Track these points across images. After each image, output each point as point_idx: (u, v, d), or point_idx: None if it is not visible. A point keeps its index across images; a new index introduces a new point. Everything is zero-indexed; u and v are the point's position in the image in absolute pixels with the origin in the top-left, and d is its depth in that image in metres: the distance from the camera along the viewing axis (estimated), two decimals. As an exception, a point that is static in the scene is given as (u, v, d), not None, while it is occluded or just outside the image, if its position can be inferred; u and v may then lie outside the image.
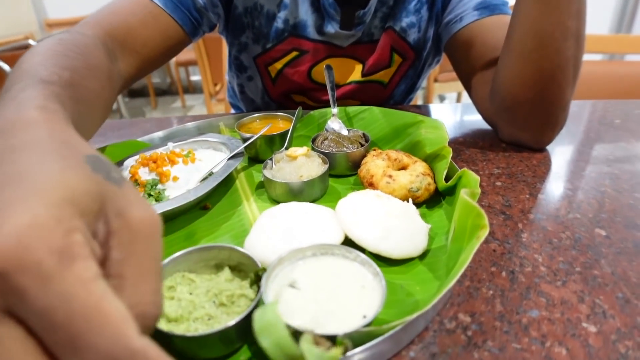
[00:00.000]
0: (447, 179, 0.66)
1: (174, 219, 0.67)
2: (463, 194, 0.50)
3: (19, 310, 0.23)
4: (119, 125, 1.13)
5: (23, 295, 0.22)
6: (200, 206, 0.70)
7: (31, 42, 3.37)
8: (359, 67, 1.11)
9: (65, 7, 4.81)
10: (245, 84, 1.21)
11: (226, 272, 0.49)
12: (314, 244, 0.49)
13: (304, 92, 1.15)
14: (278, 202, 0.69)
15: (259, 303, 0.43)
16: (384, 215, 0.57)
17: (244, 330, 0.44)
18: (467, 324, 0.48)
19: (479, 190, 0.53)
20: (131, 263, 0.27)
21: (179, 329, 0.42)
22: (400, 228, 0.55)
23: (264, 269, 0.46)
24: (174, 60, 4.61)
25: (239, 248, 0.49)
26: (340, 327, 0.39)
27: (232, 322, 0.40)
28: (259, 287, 0.46)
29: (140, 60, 0.90)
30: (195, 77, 5.63)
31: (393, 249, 0.53)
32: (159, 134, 0.93)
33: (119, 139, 0.88)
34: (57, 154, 0.29)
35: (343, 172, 0.78)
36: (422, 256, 0.57)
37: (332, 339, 0.37)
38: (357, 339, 0.38)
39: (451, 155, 0.68)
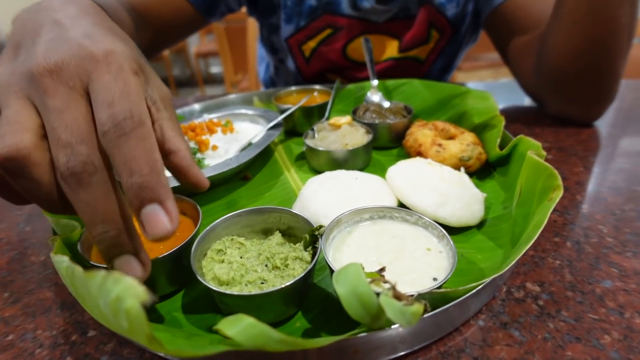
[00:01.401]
0: (499, 149, 0.62)
1: (214, 188, 0.64)
2: (531, 154, 0.47)
3: (92, 87, 0.33)
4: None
5: (101, 72, 0.33)
6: (240, 177, 0.67)
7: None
8: (394, 44, 1.08)
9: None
10: (278, 66, 1.19)
11: (277, 236, 0.46)
12: (371, 206, 0.46)
13: (339, 71, 1.12)
14: (319, 173, 0.66)
15: (316, 264, 0.41)
16: (439, 182, 0.54)
17: (301, 293, 0.41)
18: (537, 294, 0.44)
19: (544, 154, 0.50)
20: (173, 120, 0.39)
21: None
22: (456, 195, 0.52)
23: (320, 227, 0.43)
24: (193, 51, 4.60)
25: (291, 210, 0.46)
26: (410, 289, 0.36)
27: (289, 282, 0.38)
28: (314, 250, 0.43)
29: (156, 34, 0.94)
30: (214, 69, 5.62)
31: (451, 216, 0.50)
32: (195, 106, 0.91)
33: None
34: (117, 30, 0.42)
35: (385, 144, 0.74)
36: (480, 225, 0.54)
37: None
38: (430, 301, 0.35)
39: (504, 124, 0.65)
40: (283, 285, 0.37)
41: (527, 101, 1.12)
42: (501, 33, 0.99)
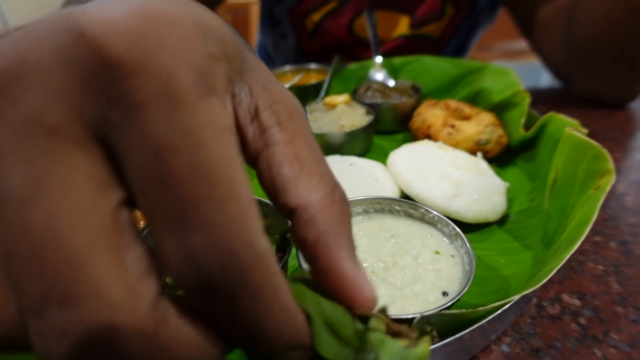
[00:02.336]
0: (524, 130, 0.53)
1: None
2: (570, 130, 0.37)
3: (116, 136, 0.15)
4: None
5: (134, 109, 0.14)
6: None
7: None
8: (405, 21, 0.97)
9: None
10: (278, 42, 1.10)
11: None
12: (366, 197, 0.36)
13: (344, 49, 1.02)
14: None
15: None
16: (451, 168, 0.44)
17: None
18: (577, 309, 0.35)
19: (585, 131, 0.40)
20: (301, 142, 0.19)
21: None
22: (473, 184, 0.43)
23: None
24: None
25: (267, 201, 0.37)
26: (412, 307, 0.27)
27: None
28: (283, 254, 0.34)
29: None
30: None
31: (466, 210, 0.41)
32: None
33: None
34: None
35: (389, 127, 0.65)
36: (501, 221, 0.44)
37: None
38: (437, 325, 0.26)
39: (529, 100, 0.55)
40: None
41: (543, 83, 1.02)
42: (523, 5, 0.88)
